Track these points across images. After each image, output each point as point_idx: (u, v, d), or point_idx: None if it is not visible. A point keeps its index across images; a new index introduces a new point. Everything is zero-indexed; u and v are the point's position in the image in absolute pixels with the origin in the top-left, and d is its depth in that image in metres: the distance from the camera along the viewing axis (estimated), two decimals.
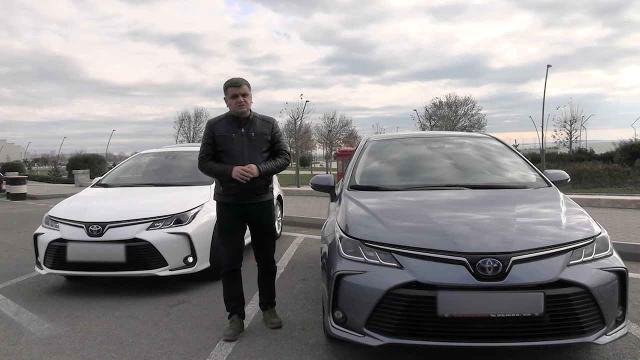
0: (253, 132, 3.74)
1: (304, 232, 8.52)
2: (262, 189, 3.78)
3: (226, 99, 3.75)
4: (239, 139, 3.71)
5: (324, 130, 60.34)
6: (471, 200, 3.68)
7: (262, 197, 3.81)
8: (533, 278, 2.76)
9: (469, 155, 4.64)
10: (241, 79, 3.73)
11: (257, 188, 3.73)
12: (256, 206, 3.78)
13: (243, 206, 3.74)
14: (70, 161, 37.58)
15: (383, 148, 4.88)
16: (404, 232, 3.11)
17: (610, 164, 23.64)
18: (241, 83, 3.70)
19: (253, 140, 3.73)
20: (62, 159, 60.67)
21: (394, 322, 2.83)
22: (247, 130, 3.73)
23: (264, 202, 3.83)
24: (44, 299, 4.90)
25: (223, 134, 3.73)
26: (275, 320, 3.92)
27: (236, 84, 3.69)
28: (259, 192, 3.76)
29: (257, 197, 3.77)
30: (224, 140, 3.72)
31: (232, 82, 3.71)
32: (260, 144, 3.76)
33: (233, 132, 3.72)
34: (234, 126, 3.74)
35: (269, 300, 4.02)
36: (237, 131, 3.72)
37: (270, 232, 3.94)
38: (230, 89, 3.69)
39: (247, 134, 3.72)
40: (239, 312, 3.86)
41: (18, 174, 24.69)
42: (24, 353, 3.57)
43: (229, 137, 3.71)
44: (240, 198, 3.71)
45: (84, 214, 5.05)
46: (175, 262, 4.90)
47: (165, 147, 8.03)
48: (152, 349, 3.58)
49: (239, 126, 3.74)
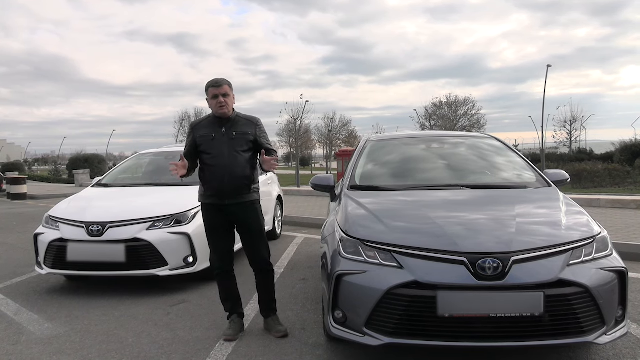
0: (234, 131, 3.69)
1: (304, 232, 8.52)
2: (244, 189, 3.69)
3: (208, 100, 3.72)
4: (220, 139, 3.67)
5: (323, 130, 60.35)
6: (471, 200, 3.68)
7: (245, 197, 3.71)
8: (533, 278, 2.76)
9: (469, 156, 4.64)
10: (222, 79, 3.69)
11: (238, 188, 3.66)
12: (239, 206, 3.70)
13: (225, 207, 3.68)
14: (70, 161, 37.61)
15: (383, 148, 4.88)
16: (404, 232, 3.11)
17: (610, 164, 23.64)
18: (222, 83, 3.66)
19: (234, 139, 3.67)
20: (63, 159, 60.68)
21: (394, 322, 2.83)
22: (228, 130, 3.69)
23: (247, 202, 3.72)
24: (44, 299, 4.90)
25: (204, 135, 3.70)
26: (280, 329, 3.75)
27: (216, 84, 3.65)
28: (240, 192, 3.68)
29: (238, 198, 3.68)
30: (204, 140, 3.69)
31: (212, 82, 3.67)
32: (240, 143, 3.69)
33: (214, 132, 3.68)
34: (214, 126, 3.71)
35: (269, 306, 3.87)
36: (217, 131, 3.69)
37: (258, 233, 3.79)
38: (211, 90, 3.65)
39: (227, 133, 3.68)
40: (237, 311, 3.85)
41: (18, 174, 24.67)
42: (24, 353, 3.57)
43: (209, 137, 3.68)
44: (220, 198, 3.66)
45: (84, 213, 5.05)
46: (175, 262, 4.90)
47: (165, 147, 8.03)
48: (152, 349, 3.58)
49: (219, 126, 3.70)
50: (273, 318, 3.86)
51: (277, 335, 3.71)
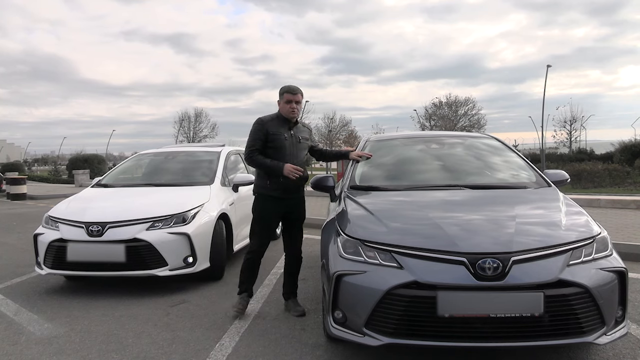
0: (300, 135, 4.20)
1: (304, 232, 8.50)
2: (301, 186, 4.25)
3: (280, 102, 4.15)
4: (290, 140, 4.11)
5: (323, 130, 60.32)
6: (471, 201, 3.68)
7: (301, 191, 4.27)
8: (533, 278, 2.76)
9: (469, 156, 4.63)
10: (297, 88, 4.14)
11: (299, 185, 4.18)
12: (295, 200, 4.21)
13: (285, 200, 4.13)
14: (70, 161, 37.59)
15: (383, 148, 4.88)
16: (403, 232, 3.11)
17: (610, 164, 23.63)
18: (297, 91, 4.11)
19: (300, 142, 4.20)
20: (62, 159, 60.69)
21: (394, 322, 2.83)
22: (295, 133, 4.17)
23: (300, 197, 4.27)
24: (44, 299, 4.90)
25: (275, 133, 4.08)
26: (299, 309, 4.18)
27: (293, 92, 4.09)
28: (299, 189, 4.23)
29: (298, 193, 4.22)
30: (276, 138, 4.07)
31: (289, 88, 4.11)
32: (304, 147, 4.26)
33: (284, 133, 4.10)
34: (284, 127, 4.12)
35: (292, 289, 4.33)
36: (287, 132, 4.11)
37: (302, 224, 4.35)
38: (287, 95, 4.08)
39: (295, 136, 4.16)
40: (250, 291, 4.27)
41: (18, 174, 24.65)
42: (24, 353, 3.57)
43: (282, 136, 4.08)
44: (285, 192, 4.11)
45: (84, 214, 5.05)
46: (175, 262, 4.90)
47: (165, 147, 8.03)
48: (152, 349, 3.58)
49: (288, 128, 4.13)
50: (293, 300, 4.30)
51: (296, 314, 4.13)
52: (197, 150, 7.21)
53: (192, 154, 7.02)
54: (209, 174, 6.13)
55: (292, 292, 4.33)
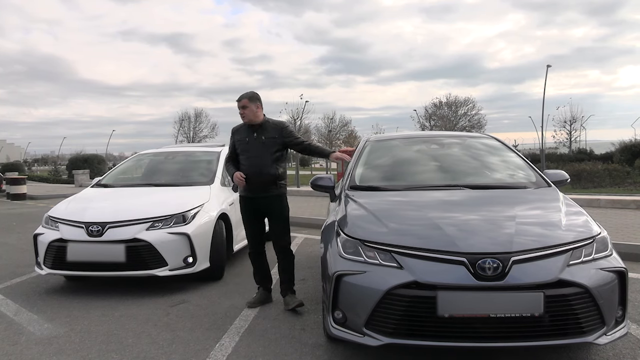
0: (264, 136, 4.33)
1: (304, 232, 8.51)
2: (271, 185, 4.32)
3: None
4: (253, 142, 4.33)
5: (323, 130, 60.39)
6: (471, 201, 3.68)
7: (271, 191, 4.34)
8: (533, 278, 2.76)
9: (469, 156, 4.63)
10: (241, 95, 4.34)
11: (266, 184, 4.30)
12: (265, 199, 4.34)
13: (255, 199, 4.36)
14: (70, 161, 37.56)
15: (383, 148, 4.88)
16: (403, 233, 3.11)
17: (610, 164, 23.62)
18: (240, 99, 4.33)
19: (264, 142, 4.31)
20: (62, 159, 60.67)
21: (394, 322, 2.83)
22: (259, 135, 4.33)
23: (273, 196, 4.35)
24: (44, 299, 4.90)
25: (240, 139, 4.42)
26: (295, 300, 4.28)
27: (238, 100, 4.34)
28: (267, 188, 4.32)
29: (266, 192, 4.32)
30: (240, 143, 4.40)
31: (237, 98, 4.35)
32: (271, 145, 4.33)
33: (247, 137, 4.36)
34: (248, 132, 4.37)
35: (287, 286, 4.40)
36: (250, 135, 4.35)
37: (282, 221, 4.42)
38: (238, 104, 4.34)
39: (259, 137, 4.32)
40: (265, 286, 4.53)
41: (18, 174, 24.63)
42: (24, 353, 3.57)
43: (244, 140, 4.37)
44: (252, 192, 4.34)
45: (83, 214, 5.05)
46: (175, 262, 4.90)
47: (165, 147, 8.03)
48: (152, 349, 3.58)
49: (252, 131, 4.35)
50: (290, 296, 4.37)
51: (293, 305, 4.22)
52: (197, 150, 7.21)
53: (192, 154, 7.02)
54: (209, 174, 6.14)
55: (288, 289, 4.40)
